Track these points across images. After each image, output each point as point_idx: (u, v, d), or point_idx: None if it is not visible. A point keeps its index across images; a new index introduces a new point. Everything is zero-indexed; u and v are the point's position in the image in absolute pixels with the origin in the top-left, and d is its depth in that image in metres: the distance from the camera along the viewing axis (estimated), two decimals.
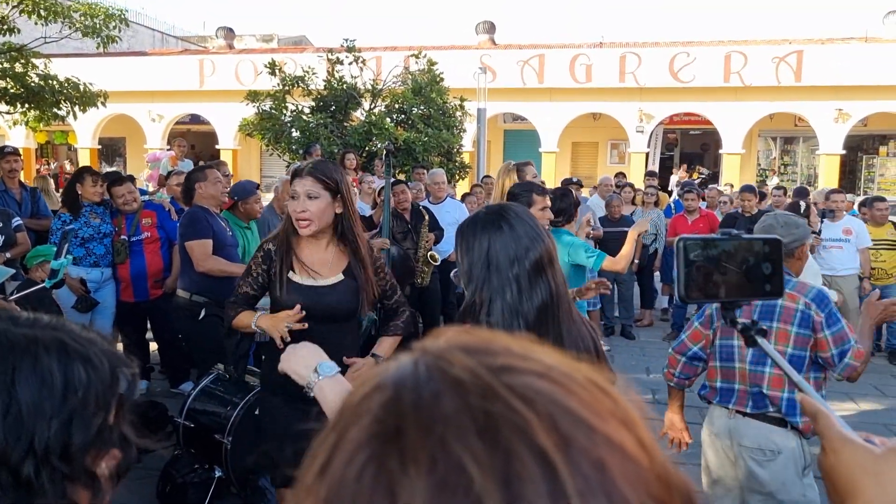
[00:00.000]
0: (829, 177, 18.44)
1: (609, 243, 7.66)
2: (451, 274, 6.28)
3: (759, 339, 1.11)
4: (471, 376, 0.42)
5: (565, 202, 4.43)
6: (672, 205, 9.80)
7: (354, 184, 6.98)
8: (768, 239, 1.14)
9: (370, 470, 0.39)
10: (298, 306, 2.58)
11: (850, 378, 2.84)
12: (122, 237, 5.49)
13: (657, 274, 8.82)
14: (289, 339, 2.48)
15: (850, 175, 21.89)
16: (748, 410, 2.92)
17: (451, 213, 7.10)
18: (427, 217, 6.45)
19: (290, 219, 2.67)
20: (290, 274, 2.68)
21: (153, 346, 6.13)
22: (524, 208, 1.92)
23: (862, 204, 8.02)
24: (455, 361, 0.44)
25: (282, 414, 2.71)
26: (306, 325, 2.55)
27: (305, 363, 1.68)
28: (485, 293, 1.81)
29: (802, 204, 7.61)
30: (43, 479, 0.80)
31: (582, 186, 8.35)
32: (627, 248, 4.43)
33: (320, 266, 2.70)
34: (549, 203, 3.87)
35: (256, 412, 3.90)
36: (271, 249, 2.73)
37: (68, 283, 4.85)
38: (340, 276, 2.71)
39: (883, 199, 7.68)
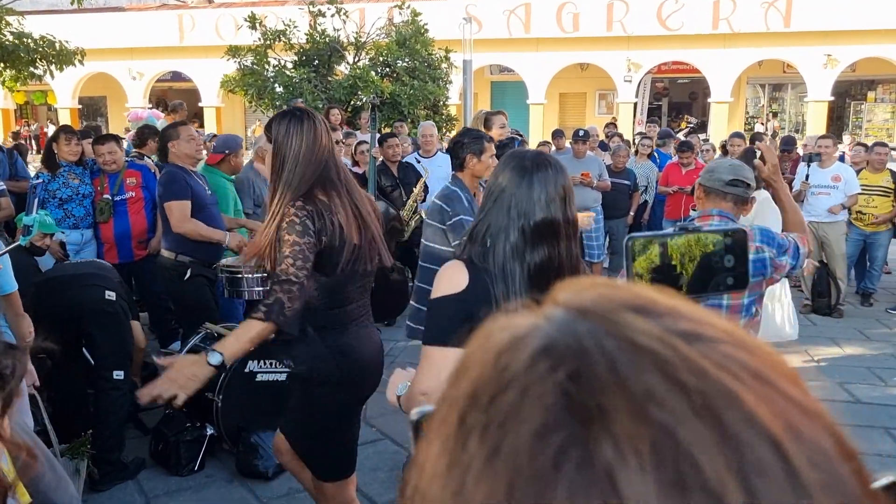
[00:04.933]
0: (817, 123, 18.40)
1: (609, 194, 7.61)
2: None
3: None
4: (665, 347, 0.36)
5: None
6: (656, 154, 9.76)
7: (341, 141, 6.87)
8: (730, 230, 1.11)
9: (573, 457, 0.34)
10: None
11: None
12: (105, 196, 5.42)
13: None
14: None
15: (837, 121, 21.86)
16: None
17: (443, 168, 7.00)
18: (416, 172, 6.44)
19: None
20: None
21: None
22: (563, 172, 1.93)
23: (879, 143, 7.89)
24: (636, 327, 0.37)
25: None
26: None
27: (393, 387, 1.89)
28: (493, 226, 1.89)
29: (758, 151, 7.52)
30: None
31: (521, 135, 8.36)
32: None
33: None
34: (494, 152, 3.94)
35: (246, 370, 3.92)
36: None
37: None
38: None
39: (885, 145, 7.62)
